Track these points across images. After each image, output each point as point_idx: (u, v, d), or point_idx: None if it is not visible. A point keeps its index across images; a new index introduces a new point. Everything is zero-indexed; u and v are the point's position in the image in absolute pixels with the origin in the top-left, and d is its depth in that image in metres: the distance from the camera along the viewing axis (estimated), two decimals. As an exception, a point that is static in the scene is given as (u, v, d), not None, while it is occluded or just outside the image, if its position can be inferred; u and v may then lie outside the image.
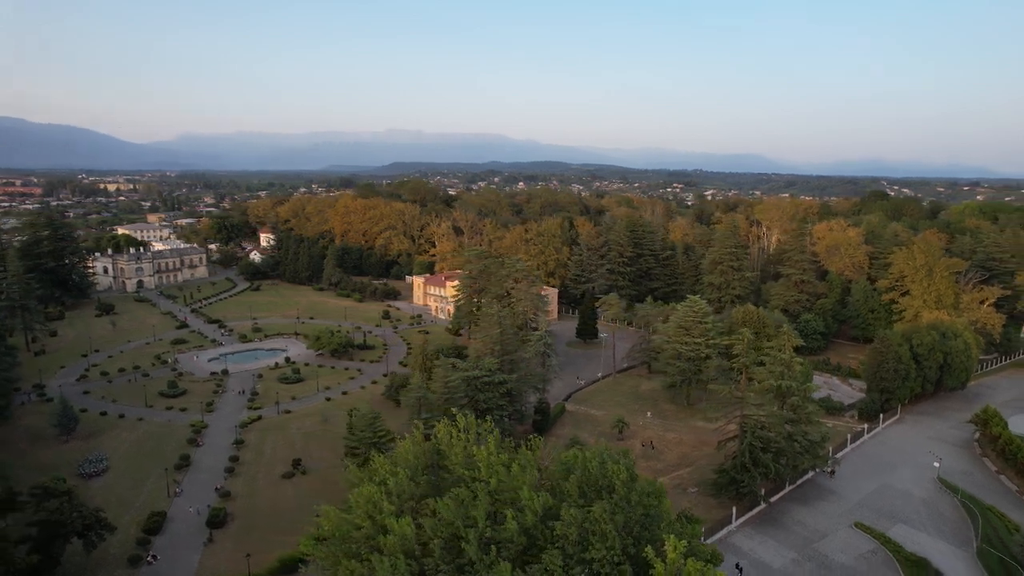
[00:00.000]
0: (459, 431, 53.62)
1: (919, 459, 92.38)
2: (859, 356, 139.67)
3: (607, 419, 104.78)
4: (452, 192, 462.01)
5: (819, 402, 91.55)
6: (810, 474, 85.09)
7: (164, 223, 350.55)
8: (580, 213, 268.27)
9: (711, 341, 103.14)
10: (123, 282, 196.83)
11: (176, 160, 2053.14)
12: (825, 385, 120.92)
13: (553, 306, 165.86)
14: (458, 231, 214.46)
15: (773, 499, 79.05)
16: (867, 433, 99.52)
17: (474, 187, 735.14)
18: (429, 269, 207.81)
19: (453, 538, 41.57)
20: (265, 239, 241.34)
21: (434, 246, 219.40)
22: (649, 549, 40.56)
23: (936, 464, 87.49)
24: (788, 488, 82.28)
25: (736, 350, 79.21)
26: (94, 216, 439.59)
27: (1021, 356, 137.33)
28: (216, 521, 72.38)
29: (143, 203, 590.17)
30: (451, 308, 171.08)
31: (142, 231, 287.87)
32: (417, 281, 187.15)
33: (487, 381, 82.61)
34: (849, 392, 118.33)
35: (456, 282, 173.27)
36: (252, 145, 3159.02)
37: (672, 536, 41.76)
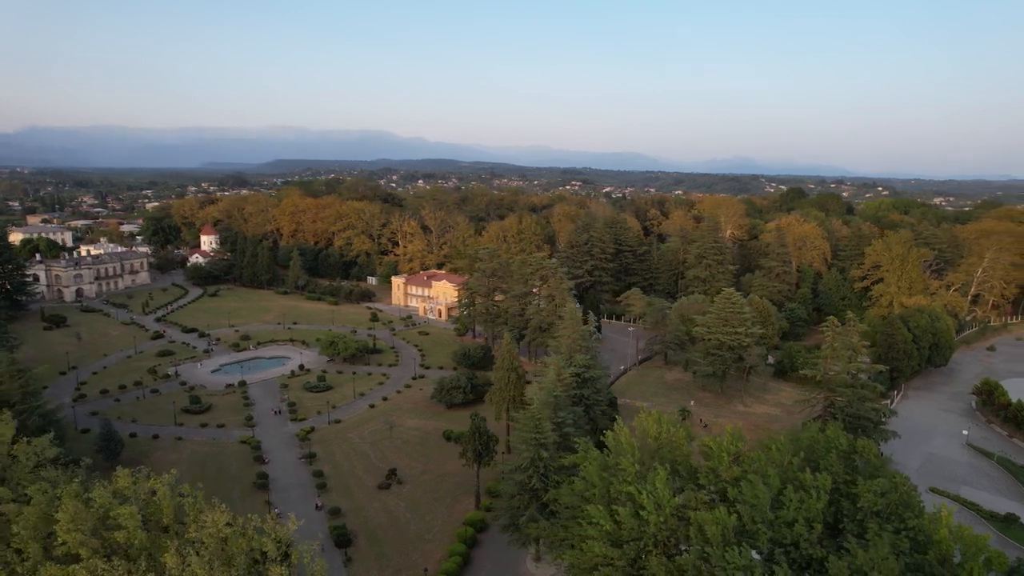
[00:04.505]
0: (665, 422, 55.47)
1: (942, 428, 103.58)
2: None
3: (655, 410, 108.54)
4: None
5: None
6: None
7: (60, 226, 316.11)
8: (524, 211, 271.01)
9: (750, 331, 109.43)
10: (59, 291, 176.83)
11: (23, 155, 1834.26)
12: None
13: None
14: (426, 230, 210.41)
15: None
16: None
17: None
18: (394, 269, 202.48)
19: (752, 522, 43.10)
20: (207, 241, 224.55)
21: (397, 245, 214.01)
22: (926, 516, 44.32)
23: (965, 432, 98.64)
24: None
25: (827, 334, 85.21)
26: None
27: (966, 333, 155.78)
28: (343, 540, 68.48)
29: (10, 203, 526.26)
30: (442, 308, 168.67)
31: (44, 234, 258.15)
32: (397, 282, 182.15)
33: (587, 377, 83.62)
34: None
35: (444, 282, 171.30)
36: (114, 140, 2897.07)
37: (944, 503, 45.77)
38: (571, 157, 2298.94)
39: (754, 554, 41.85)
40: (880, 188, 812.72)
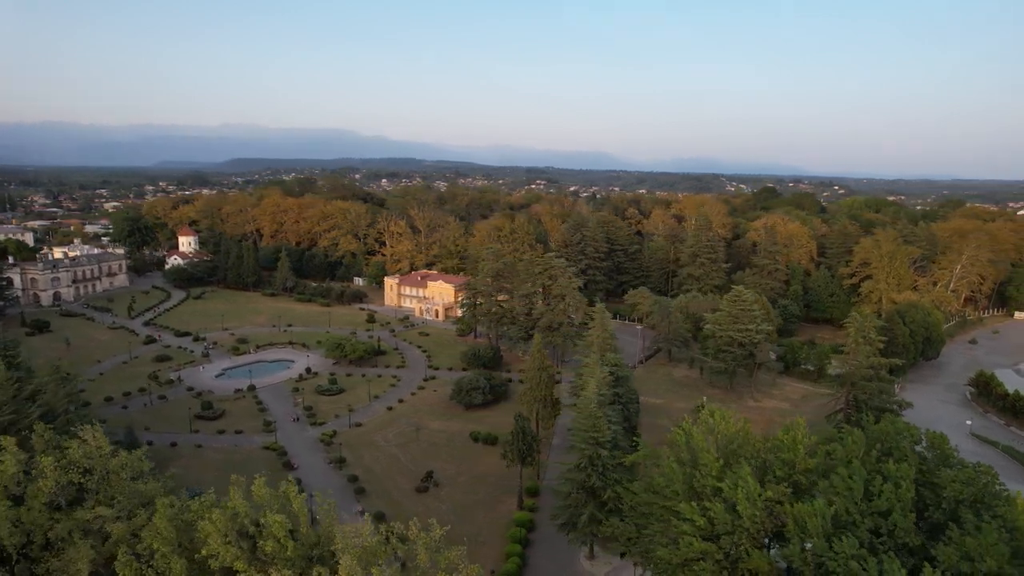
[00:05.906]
0: (730, 418, 56.83)
1: (944, 419, 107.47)
2: (824, 335, 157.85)
3: (669, 407, 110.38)
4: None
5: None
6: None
7: (19, 227, 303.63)
8: (505, 209, 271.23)
9: (759, 327, 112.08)
10: (34, 294, 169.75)
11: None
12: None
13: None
14: (414, 230, 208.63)
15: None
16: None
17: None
18: (382, 269, 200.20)
19: (847, 512, 44.55)
20: (185, 242, 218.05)
21: (383, 245, 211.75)
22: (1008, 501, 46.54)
23: (968, 422, 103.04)
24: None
25: (850, 330, 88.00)
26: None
27: (947, 326, 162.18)
28: (393, 543, 67.79)
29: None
30: (439, 308, 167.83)
31: (9, 235, 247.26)
32: (390, 282, 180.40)
33: (620, 375, 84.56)
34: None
35: (440, 282, 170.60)
36: (64, 137, 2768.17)
37: (1019, 491, 48.08)
38: (534, 156, 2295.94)
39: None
40: (837, 187, 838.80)
